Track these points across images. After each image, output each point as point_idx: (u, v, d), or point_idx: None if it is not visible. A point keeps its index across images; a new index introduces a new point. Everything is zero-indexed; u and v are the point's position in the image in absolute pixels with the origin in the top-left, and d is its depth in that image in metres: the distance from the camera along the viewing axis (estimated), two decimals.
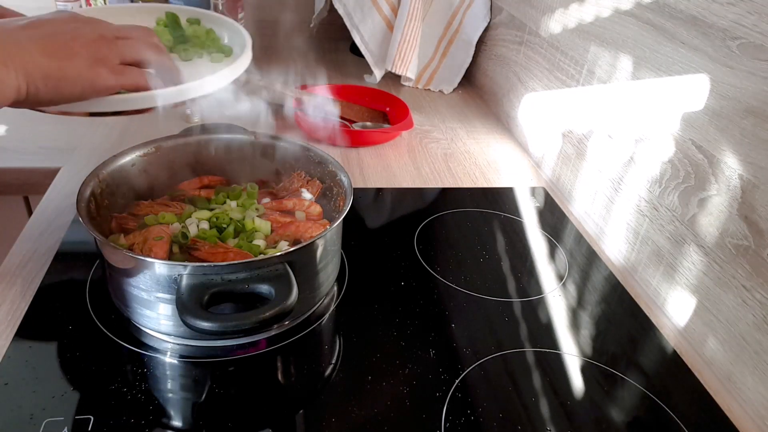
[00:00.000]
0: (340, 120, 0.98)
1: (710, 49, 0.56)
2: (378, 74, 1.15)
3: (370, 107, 1.05)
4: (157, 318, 0.51)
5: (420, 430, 0.47)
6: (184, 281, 0.45)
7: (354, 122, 0.99)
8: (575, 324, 0.61)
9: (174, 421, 0.47)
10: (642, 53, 0.67)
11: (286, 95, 0.98)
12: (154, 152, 0.64)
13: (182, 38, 0.64)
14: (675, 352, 0.59)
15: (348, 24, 1.12)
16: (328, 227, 0.54)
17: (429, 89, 1.22)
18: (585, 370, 0.55)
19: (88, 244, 0.63)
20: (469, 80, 1.25)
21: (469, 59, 1.20)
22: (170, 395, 0.49)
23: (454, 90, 1.22)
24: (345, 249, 0.65)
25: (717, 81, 0.56)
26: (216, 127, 0.68)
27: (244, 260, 0.50)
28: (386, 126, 1.00)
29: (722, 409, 0.53)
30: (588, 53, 0.79)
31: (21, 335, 0.52)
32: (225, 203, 0.62)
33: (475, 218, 0.78)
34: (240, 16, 1.11)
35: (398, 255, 0.68)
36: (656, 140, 0.65)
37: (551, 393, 0.52)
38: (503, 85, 1.09)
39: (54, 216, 0.68)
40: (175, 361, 0.52)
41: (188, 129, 0.67)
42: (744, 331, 0.53)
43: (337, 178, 0.63)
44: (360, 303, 0.61)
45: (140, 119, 0.92)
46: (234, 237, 0.57)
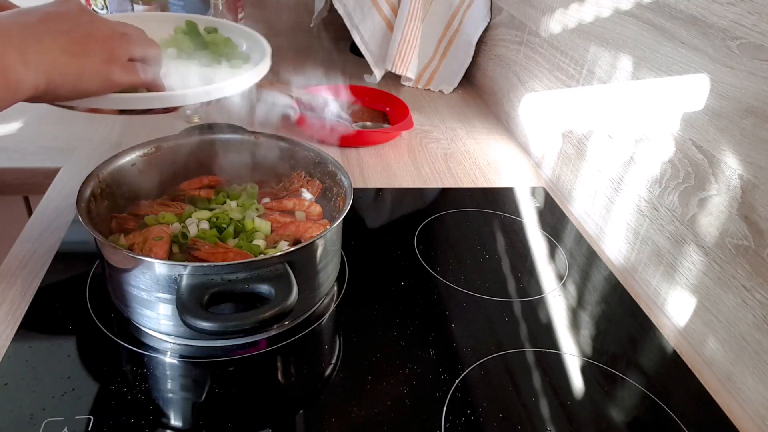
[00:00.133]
0: (340, 120, 0.98)
1: (710, 49, 0.56)
2: (378, 74, 1.15)
3: (370, 107, 1.05)
4: (157, 318, 0.51)
5: (420, 430, 0.47)
6: (184, 281, 0.45)
7: (354, 122, 0.99)
8: (575, 324, 0.61)
9: (174, 421, 0.47)
10: (642, 53, 0.67)
11: (287, 95, 0.98)
12: (154, 152, 0.64)
13: (202, 45, 0.65)
14: (675, 352, 0.59)
15: (348, 24, 1.12)
16: (328, 227, 0.54)
17: (429, 89, 1.22)
18: (585, 370, 0.55)
19: (88, 244, 0.63)
20: (469, 80, 1.25)
21: (469, 59, 1.20)
22: (170, 395, 0.49)
23: (454, 90, 1.22)
24: (345, 249, 0.65)
25: (717, 81, 0.56)
26: (216, 127, 0.68)
27: (244, 260, 0.50)
28: (386, 126, 1.00)
29: (722, 409, 0.53)
30: (588, 53, 0.79)
31: (21, 335, 0.52)
32: (225, 203, 0.63)
33: (475, 218, 0.78)
34: (240, 16, 1.11)
35: (398, 255, 0.68)
36: (656, 140, 0.65)
37: (551, 393, 0.52)
38: (503, 85, 1.09)
39: (54, 216, 0.68)
40: (175, 361, 0.52)
41: (188, 129, 0.67)
42: (744, 331, 0.53)
43: (337, 178, 0.63)
44: (360, 303, 0.61)
45: (140, 119, 0.93)
46: (234, 237, 0.57)
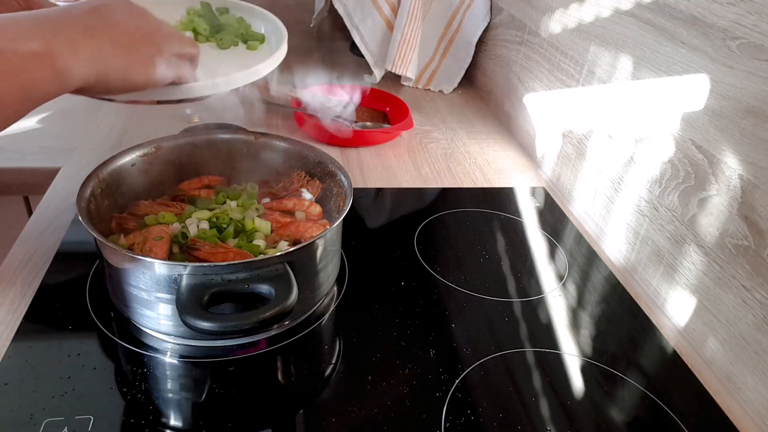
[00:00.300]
0: (340, 120, 0.98)
1: (710, 49, 0.56)
2: (378, 74, 1.15)
3: (370, 107, 1.04)
4: (157, 318, 0.51)
5: (420, 430, 0.47)
6: (184, 281, 0.45)
7: (354, 122, 0.99)
8: (575, 324, 0.61)
9: (174, 421, 0.47)
10: (642, 53, 0.67)
11: (287, 95, 0.98)
12: (154, 152, 0.64)
13: (218, 27, 0.64)
14: (675, 352, 0.59)
15: (348, 24, 1.12)
16: (328, 227, 0.54)
17: (429, 89, 1.22)
18: (585, 370, 0.55)
19: (88, 244, 0.63)
20: (469, 80, 1.25)
21: (469, 59, 1.20)
22: (170, 395, 0.49)
23: (454, 90, 1.22)
24: (345, 249, 0.65)
25: (717, 81, 0.56)
26: (216, 127, 0.68)
27: (244, 260, 0.50)
28: (386, 126, 1.00)
29: (722, 409, 0.53)
30: (588, 53, 0.79)
31: (21, 335, 0.52)
32: (225, 203, 0.62)
33: (475, 218, 0.78)
34: None
35: (398, 255, 0.68)
36: (656, 140, 0.65)
37: (551, 393, 0.52)
38: (503, 85, 1.09)
39: (54, 216, 0.68)
40: (175, 361, 0.52)
41: (188, 129, 0.67)
42: (744, 331, 0.53)
43: (337, 178, 0.63)
44: (360, 303, 0.61)
45: (140, 119, 0.93)
46: (234, 237, 0.57)
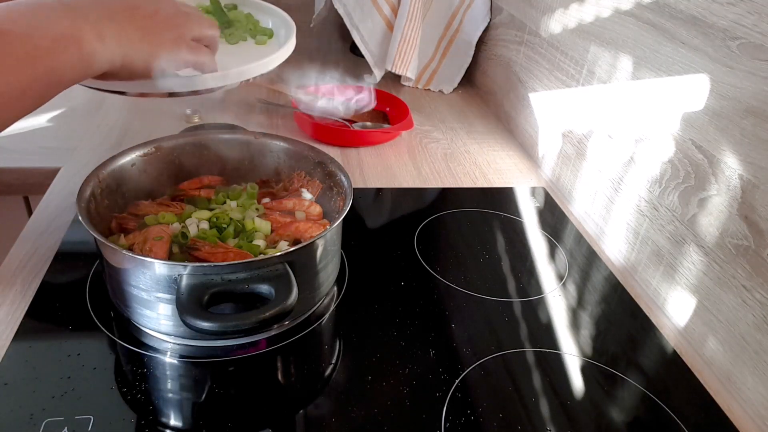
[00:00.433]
0: (340, 120, 0.98)
1: (710, 49, 0.56)
2: (378, 74, 1.15)
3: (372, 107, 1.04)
4: (157, 318, 0.51)
5: (420, 430, 0.47)
6: (184, 281, 0.45)
7: (354, 122, 0.99)
8: (575, 324, 0.61)
9: (174, 421, 0.47)
10: (642, 53, 0.67)
11: (287, 95, 0.98)
12: (154, 152, 0.64)
13: (227, 23, 0.65)
14: (675, 352, 0.59)
15: (348, 24, 1.12)
16: (328, 227, 0.54)
17: (429, 89, 1.22)
18: (585, 370, 0.55)
19: (88, 244, 0.63)
20: (469, 80, 1.25)
21: (469, 59, 1.20)
22: (170, 395, 0.49)
23: (454, 90, 1.22)
24: (345, 249, 0.65)
25: (717, 81, 0.56)
26: (216, 127, 0.68)
27: (244, 260, 0.50)
28: (386, 126, 1.00)
29: (722, 409, 0.53)
30: (588, 53, 0.79)
31: (21, 335, 0.52)
32: (225, 203, 0.62)
33: (475, 218, 0.78)
34: None
35: (398, 255, 0.68)
36: (656, 140, 0.65)
37: (551, 393, 0.52)
38: (503, 85, 1.09)
39: (54, 216, 0.68)
40: (175, 361, 0.52)
41: (188, 129, 0.67)
42: (744, 331, 0.53)
43: (337, 178, 0.63)
44: (360, 303, 0.61)
45: (141, 119, 0.93)
46: (234, 237, 0.57)
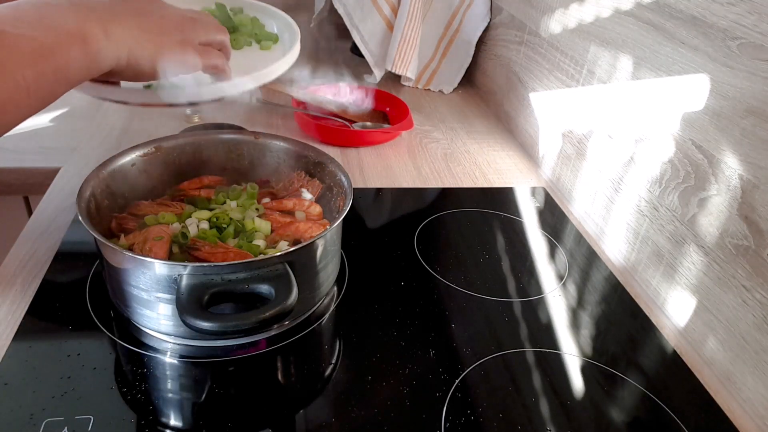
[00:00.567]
0: (340, 120, 0.98)
1: (710, 49, 0.56)
2: (378, 74, 1.15)
3: (370, 107, 1.04)
4: (157, 318, 0.51)
5: (420, 430, 0.47)
6: (184, 281, 0.45)
7: (354, 122, 0.99)
8: (575, 324, 0.61)
9: (174, 421, 0.47)
10: (642, 53, 0.67)
11: (287, 95, 0.98)
12: (154, 152, 0.64)
13: (232, 28, 0.64)
14: (675, 352, 0.59)
15: (348, 24, 1.12)
16: (328, 227, 0.54)
17: (429, 89, 1.22)
18: (585, 370, 0.55)
19: (88, 244, 0.63)
20: (469, 80, 1.25)
21: (469, 59, 1.20)
22: (170, 395, 0.49)
23: (454, 90, 1.22)
24: (345, 249, 0.65)
25: (717, 81, 0.56)
26: (216, 127, 0.68)
27: (244, 260, 0.50)
28: (386, 126, 1.00)
29: (722, 409, 0.53)
30: (588, 53, 0.79)
31: (21, 335, 0.52)
32: (225, 203, 0.62)
33: (475, 218, 0.78)
34: None
35: (398, 255, 0.68)
36: (656, 140, 0.65)
37: (551, 393, 0.52)
38: (503, 85, 1.09)
39: (54, 216, 0.68)
40: (175, 361, 0.52)
41: (188, 129, 0.67)
42: (744, 331, 0.53)
43: (337, 178, 0.63)
44: (360, 303, 0.61)
45: (141, 119, 0.93)
46: (234, 237, 0.57)
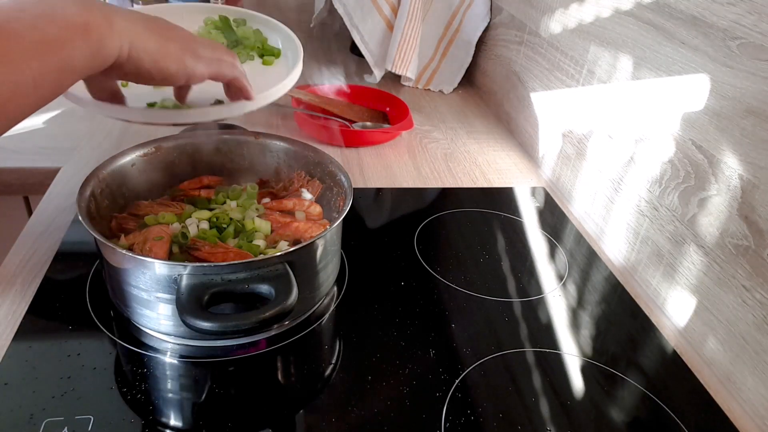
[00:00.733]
0: (340, 120, 0.98)
1: (710, 49, 0.56)
2: (378, 74, 1.15)
3: (370, 107, 1.04)
4: (157, 318, 0.51)
5: (420, 430, 0.47)
6: (184, 281, 0.45)
7: (354, 122, 0.99)
8: (575, 324, 0.61)
9: (174, 421, 0.47)
10: (642, 53, 0.67)
11: (287, 95, 0.98)
12: (154, 152, 0.64)
13: (234, 42, 0.64)
14: (675, 352, 0.59)
15: (348, 24, 1.12)
16: (328, 227, 0.54)
17: (429, 89, 1.22)
18: (585, 370, 0.55)
19: (88, 244, 0.63)
20: (469, 80, 1.25)
21: (469, 59, 1.20)
22: (170, 395, 0.49)
23: (454, 90, 1.22)
24: (345, 249, 0.65)
25: (717, 81, 0.56)
26: (216, 127, 0.68)
27: (244, 260, 0.50)
28: (386, 126, 1.00)
29: (722, 409, 0.53)
30: (588, 53, 0.79)
31: (21, 335, 0.52)
32: (225, 203, 0.62)
33: (475, 218, 0.78)
34: None
35: (398, 255, 0.68)
36: (656, 140, 0.65)
37: (551, 393, 0.52)
38: (503, 85, 1.09)
39: (54, 216, 0.68)
40: (175, 361, 0.52)
41: (188, 129, 0.67)
42: (744, 331, 0.53)
43: (337, 178, 0.63)
44: (360, 303, 0.61)
45: None
46: (234, 237, 0.57)
